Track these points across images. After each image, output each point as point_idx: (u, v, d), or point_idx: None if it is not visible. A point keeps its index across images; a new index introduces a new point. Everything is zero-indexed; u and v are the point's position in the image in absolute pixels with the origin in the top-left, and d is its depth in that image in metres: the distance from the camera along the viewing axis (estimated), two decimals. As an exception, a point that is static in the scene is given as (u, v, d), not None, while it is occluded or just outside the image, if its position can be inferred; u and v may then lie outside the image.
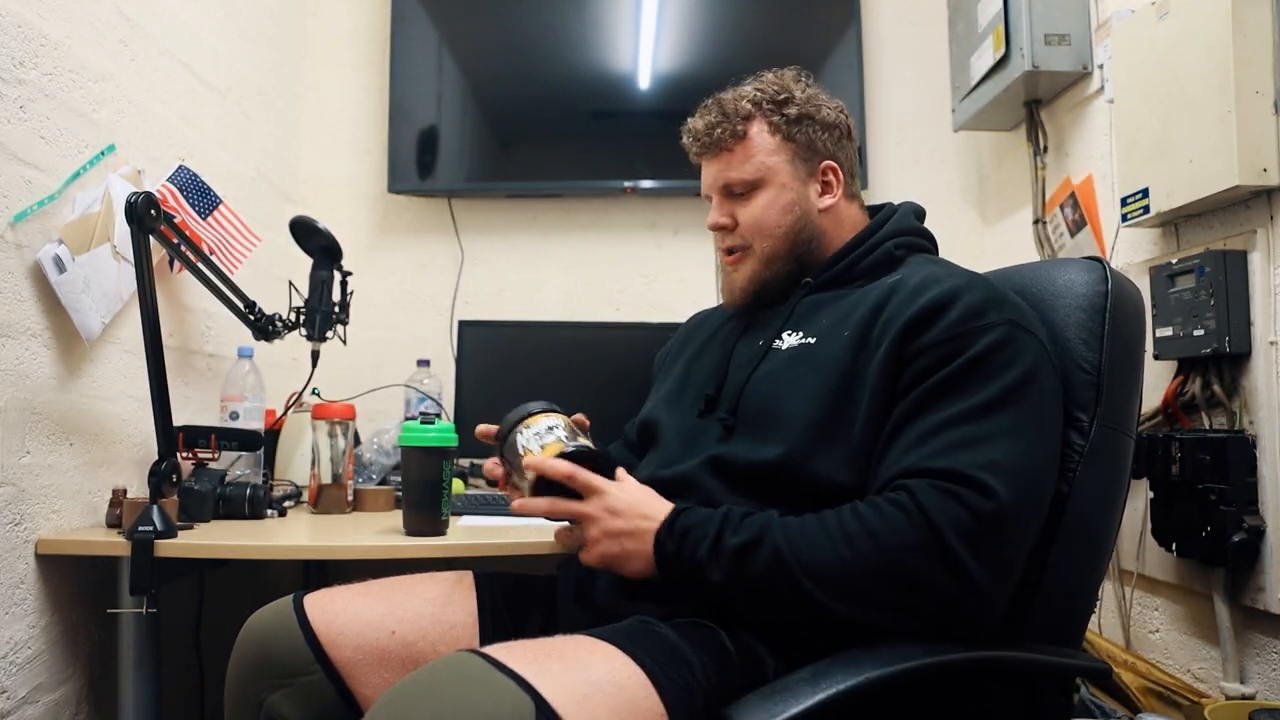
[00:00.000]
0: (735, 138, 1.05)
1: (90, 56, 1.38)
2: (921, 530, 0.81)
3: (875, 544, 0.82)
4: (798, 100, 1.06)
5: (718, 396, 1.04)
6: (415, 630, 0.99)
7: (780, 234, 1.05)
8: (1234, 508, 1.27)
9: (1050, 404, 0.90)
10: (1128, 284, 1.01)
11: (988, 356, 0.87)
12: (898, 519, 0.82)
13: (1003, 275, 1.09)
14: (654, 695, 0.77)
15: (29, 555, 1.25)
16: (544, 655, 0.78)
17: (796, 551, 0.83)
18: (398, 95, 2.26)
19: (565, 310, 2.32)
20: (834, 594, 0.82)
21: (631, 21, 2.26)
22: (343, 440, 1.56)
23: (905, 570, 0.81)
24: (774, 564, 0.84)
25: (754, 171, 1.05)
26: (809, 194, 1.06)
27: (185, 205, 1.55)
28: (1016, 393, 0.86)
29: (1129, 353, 0.98)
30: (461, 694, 0.73)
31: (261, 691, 0.95)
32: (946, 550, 0.80)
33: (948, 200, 2.35)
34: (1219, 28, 1.27)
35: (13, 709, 1.22)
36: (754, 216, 1.05)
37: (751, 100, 1.05)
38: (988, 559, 0.81)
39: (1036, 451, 0.87)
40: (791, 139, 1.05)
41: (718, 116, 1.06)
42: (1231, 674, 1.33)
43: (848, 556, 0.82)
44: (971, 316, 0.89)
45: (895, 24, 2.38)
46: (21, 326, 1.24)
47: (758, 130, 1.05)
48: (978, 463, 0.83)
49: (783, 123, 1.05)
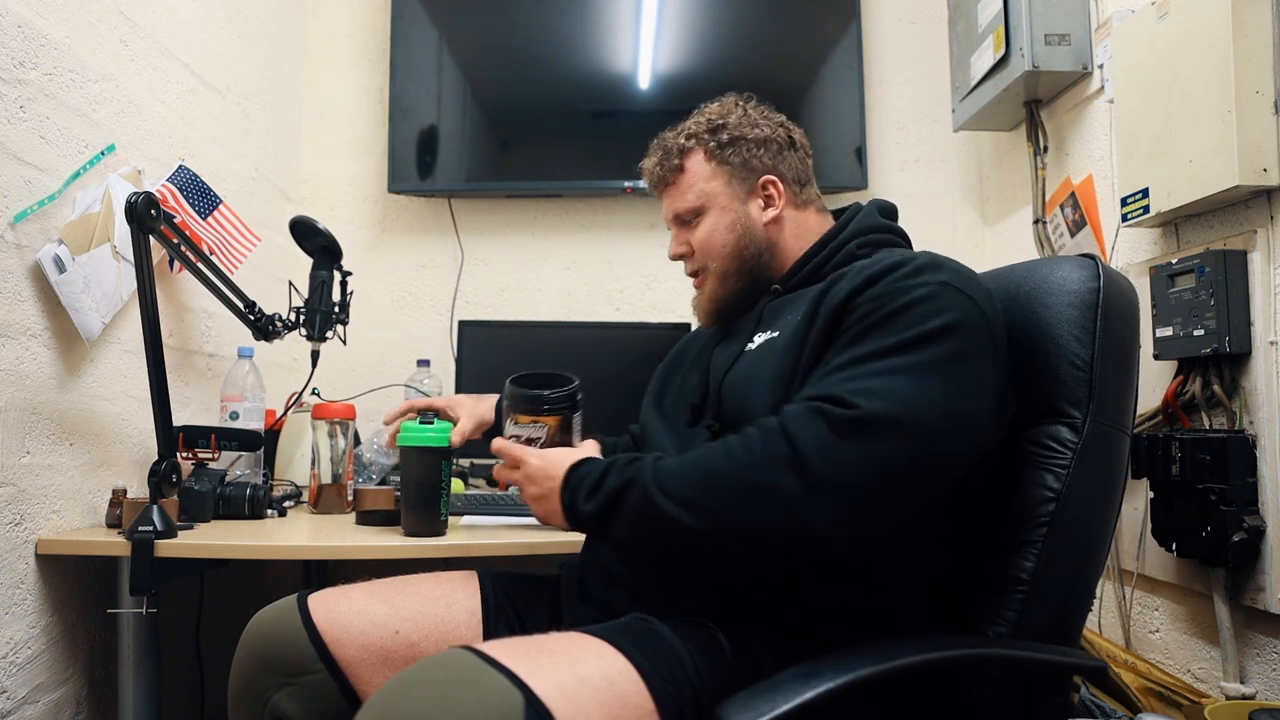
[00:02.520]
0: (676, 171, 1.13)
1: (90, 56, 1.38)
2: (775, 440, 0.82)
3: (729, 458, 0.84)
4: (730, 125, 1.12)
5: (703, 405, 1.06)
6: (419, 630, 0.99)
7: (727, 252, 1.10)
8: (1234, 508, 1.27)
9: (967, 360, 0.86)
10: (1121, 280, 1.01)
11: (908, 308, 0.88)
12: (754, 435, 0.85)
13: (997, 274, 1.10)
14: (644, 691, 0.78)
15: (29, 555, 1.25)
16: (535, 651, 0.79)
17: (659, 478, 0.86)
18: (398, 95, 2.26)
19: (565, 310, 2.32)
20: (684, 505, 0.84)
21: (631, 21, 2.26)
22: (343, 440, 1.56)
23: (750, 475, 0.82)
24: (641, 495, 0.86)
25: (695, 199, 1.11)
26: (750, 210, 1.11)
27: (185, 205, 1.55)
28: (925, 339, 0.85)
29: (1122, 348, 0.98)
30: (452, 688, 0.74)
31: (266, 690, 0.96)
32: (795, 453, 0.80)
33: (948, 200, 2.35)
34: (1219, 28, 1.27)
35: (13, 709, 1.22)
36: (701, 240, 1.11)
37: (688, 134, 1.13)
38: (840, 464, 0.79)
39: (930, 392, 0.83)
40: (726, 162, 1.11)
41: (660, 155, 1.15)
42: (1231, 674, 1.33)
43: (700, 471, 0.85)
44: (905, 277, 0.91)
45: (895, 24, 2.38)
46: (21, 326, 1.24)
47: (694, 161, 1.12)
48: (854, 389, 0.83)
49: (716, 148, 1.11)
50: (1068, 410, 0.94)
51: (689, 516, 0.83)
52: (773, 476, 0.81)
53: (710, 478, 0.84)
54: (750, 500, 0.81)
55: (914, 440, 0.81)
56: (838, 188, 2.24)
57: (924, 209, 2.34)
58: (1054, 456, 0.93)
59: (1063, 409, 0.94)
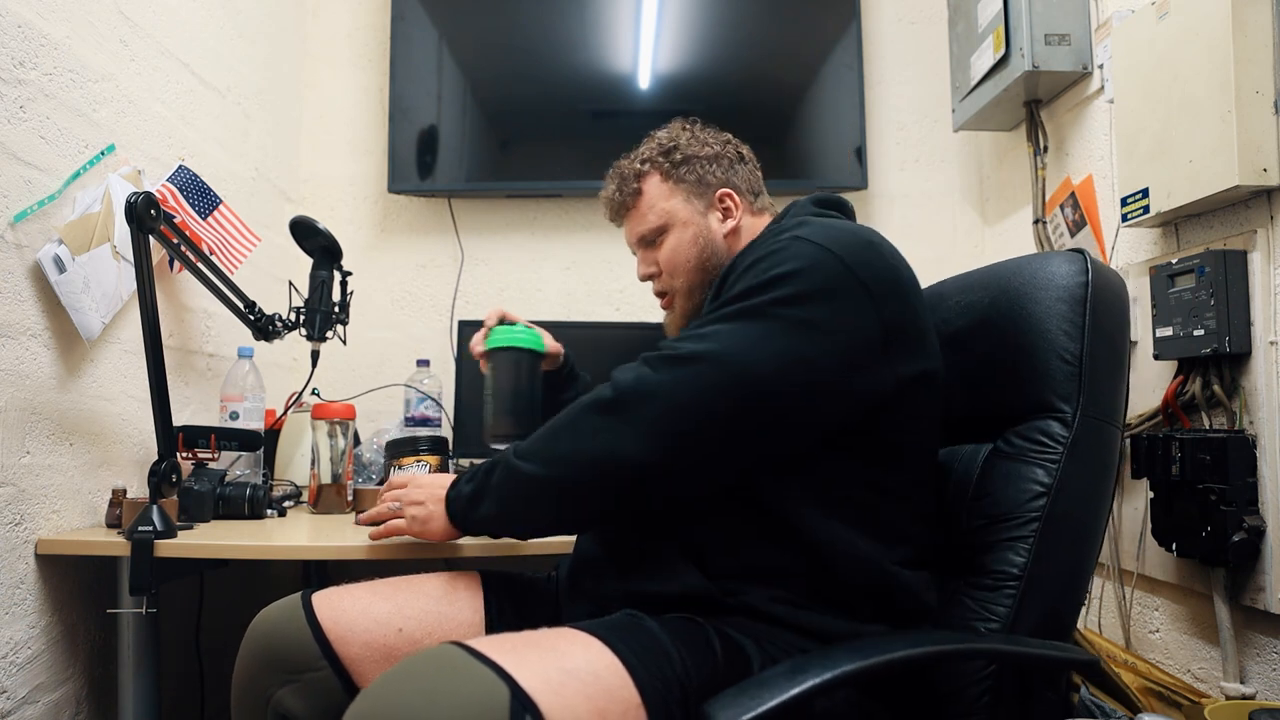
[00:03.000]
0: (635, 196, 1.16)
1: (90, 56, 1.38)
2: (601, 389, 0.92)
3: (568, 412, 0.94)
4: (681, 145, 1.15)
5: None
6: (422, 628, 1.00)
7: (692, 266, 1.13)
8: (1234, 508, 1.27)
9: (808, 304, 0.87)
10: (1110, 274, 1.01)
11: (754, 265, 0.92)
12: (594, 390, 0.93)
13: (988, 271, 1.10)
14: (630, 685, 0.79)
15: (29, 555, 1.25)
16: (522, 645, 0.80)
17: (518, 450, 0.96)
18: (398, 95, 2.26)
19: (565, 310, 2.32)
20: (532, 459, 0.93)
21: (631, 21, 2.26)
22: (343, 440, 1.56)
23: (579, 418, 0.91)
24: (504, 464, 0.96)
25: (656, 219, 1.14)
26: (710, 223, 1.14)
27: (185, 205, 1.55)
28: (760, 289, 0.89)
29: (1112, 342, 0.98)
30: (440, 682, 0.75)
31: (269, 686, 0.96)
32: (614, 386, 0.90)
33: (948, 200, 2.35)
34: (1219, 28, 1.27)
35: (13, 709, 1.22)
36: (667, 257, 1.14)
37: (641, 159, 1.17)
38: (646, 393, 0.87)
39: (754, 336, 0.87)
40: (682, 180, 1.14)
41: (617, 182, 1.18)
42: (1231, 674, 1.33)
43: (547, 429, 0.95)
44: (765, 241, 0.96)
45: (895, 24, 2.38)
46: (21, 326, 1.24)
47: (651, 183, 1.16)
48: (681, 338, 0.90)
49: (671, 168, 1.15)
50: (1058, 405, 0.94)
51: (535, 467, 0.92)
52: (594, 414, 0.90)
53: (552, 430, 0.94)
54: (579, 439, 0.90)
55: (724, 370, 0.86)
56: (838, 188, 2.23)
57: (924, 209, 2.34)
58: (1045, 451, 0.93)
59: (1053, 403, 0.94)
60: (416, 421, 1.93)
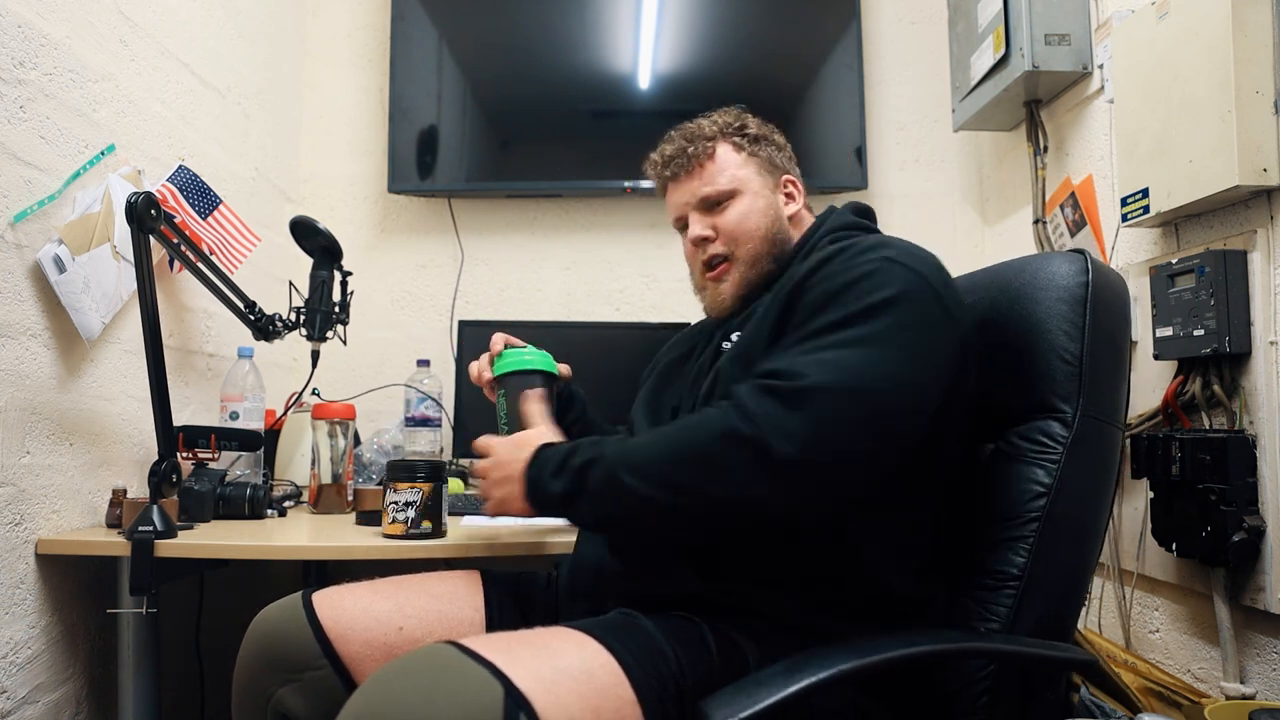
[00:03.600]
0: (707, 155, 1.12)
1: (90, 56, 1.38)
2: (728, 415, 0.85)
3: (687, 434, 0.88)
4: (752, 125, 1.15)
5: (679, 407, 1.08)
6: (423, 627, 1.00)
7: (760, 235, 1.10)
8: (1234, 508, 1.27)
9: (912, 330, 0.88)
10: (1110, 274, 1.01)
11: (853, 284, 0.90)
12: (711, 412, 0.88)
13: (989, 271, 1.10)
14: (625, 683, 0.79)
15: (29, 555, 1.25)
16: (516, 644, 0.80)
17: (626, 457, 0.90)
18: (398, 95, 2.26)
19: (565, 310, 2.32)
20: (643, 479, 0.87)
21: (631, 21, 2.26)
22: (343, 440, 1.56)
23: (706, 450, 0.85)
24: (605, 470, 0.90)
25: (728, 182, 1.11)
26: (778, 201, 1.13)
27: (185, 205, 1.55)
28: (870, 312, 0.88)
29: (1112, 342, 0.98)
30: (434, 681, 0.75)
31: (270, 685, 0.97)
32: (750, 423, 0.83)
33: (948, 200, 2.35)
34: (1219, 28, 1.27)
35: (13, 709, 1.22)
36: (734, 223, 1.10)
37: (713, 124, 1.14)
38: (791, 435, 0.82)
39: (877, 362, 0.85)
40: (755, 155, 1.14)
41: (684, 142, 1.14)
42: (1231, 674, 1.33)
43: (660, 445, 0.89)
44: (852, 257, 0.94)
45: (895, 24, 2.38)
46: (21, 326, 1.24)
47: (724, 149, 1.13)
48: (801, 363, 0.86)
49: (745, 142, 1.14)
50: (1058, 405, 0.94)
51: (652, 490, 0.86)
52: (730, 452, 0.83)
53: (672, 453, 0.88)
54: (710, 475, 0.84)
55: (860, 406, 0.84)
56: (838, 188, 2.24)
57: (924, 209, 2.34)
58: (1045, 451, 0.93)
59: (1053, 404, 0.94)
60: (417, 421, 1.93)
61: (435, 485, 1.27)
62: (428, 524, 1.26)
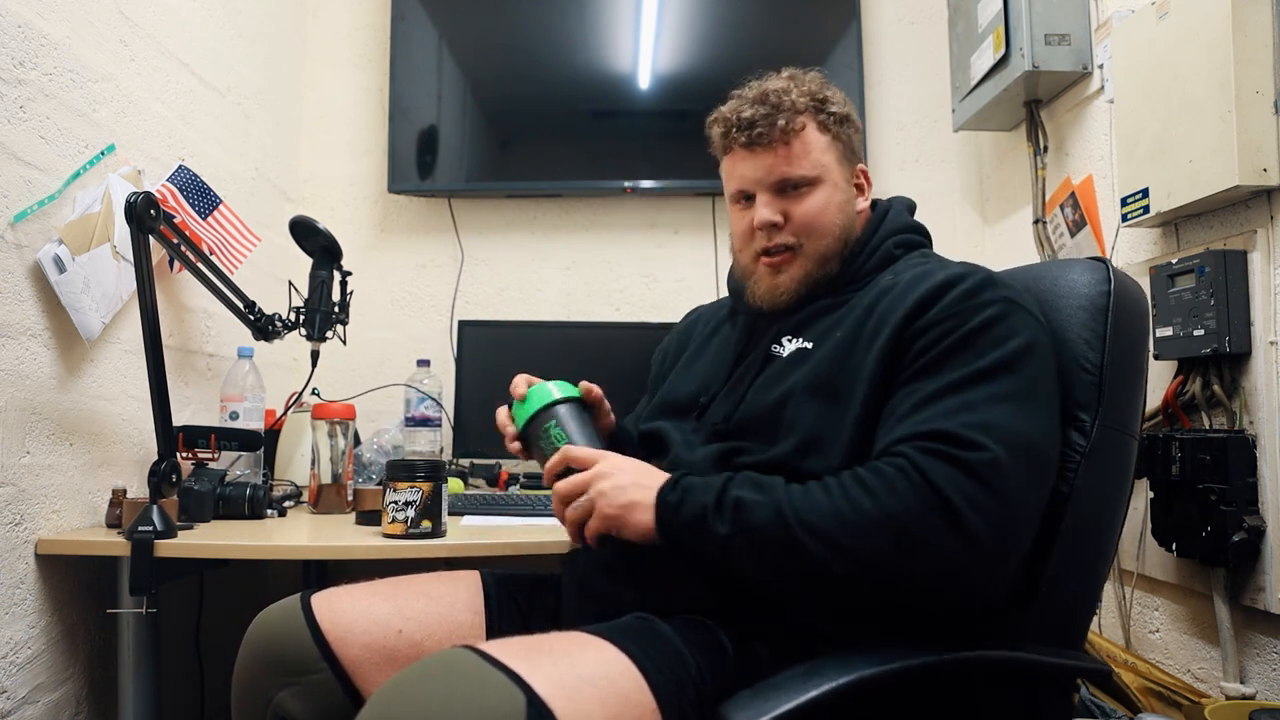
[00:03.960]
0: (793, 131, 1.01)
1: (90, 56, 1.38)
2: (920, 489, 0.79)
3: (873, 501, 0.80)
4: (836, 101, 1.04)
5: (710, 404, 1.05)
6: (422, 629, 0.99)
7: (835, 233, 1.03)
8: (1234, 508, 1.27)
9: (1046, 380, 0.89)
10: (1131, 284, 1.01)
11: (983, 330, 0.87)
12: (894, 477, 0.81)
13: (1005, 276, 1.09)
14: (646, 690, 0.78)
15: (29, 555, 1.25)
16: (536, 650, 0.79)
17: (796, 507, 0.83)
18: (398, 95, 2.26)
19: (565, 310, 2.32)
20: (828, 547, 0.80)
21: (631, 21, 2.26)
22: (343, 440, 1.56)
23: (903, 527, 0.79)
24: (774, 518, 0.83)
25: (812, 168, 1.02)
26: (853, 196, 1.07)
27: (185, 205, 1.55)
28: (1012, 363, 0.86)
29: (1131, 353, 0.98)
30: (454, 688, 0.73)
31: (269, 689, 0.96)
32: (947, 507, 0.78)
33: (948, 200, 2.35)
34: (1219, 28, 1.27)
35: (13, 709, 1.22)
36: (811, 215, 1.01)
37: (802, 93, 1.02)
38: (990, 517, 0.78)
39: (1033, 419, 0.84)
40: (839, 139, 1.04)
41: (769, 109, 1.01)
42: (1231, 674, 1.33)
43: (845, 510, 0.81)
44: (968, 296, 0.90)
45: (895, 24, 2.38)
46: (21, 326, 1.24)
47: (811, 128, 1.02)
48: (968, 423, 0.82)
49: (831, 122, 1.03)
50: (1076, 414, 0.93)
51: (829, 555, 0.80)
52: (925, 529, 0.78)
53: (856, 520, 0.80)
54: (902, 551, 0.79)
55: (1036, 475, 0.83)
56: (838, 188, 2.23)
57: (924, 209, 2.29)
58: (1062, 460, 0.92)
59: (1071, 412, 0.93)
60: (417, 421, 1.93)
61: (435, 485, 1.27)
62: (427, 524, 1.26)
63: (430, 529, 1.26)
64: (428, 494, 1.26)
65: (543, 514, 1.44)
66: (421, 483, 1.26)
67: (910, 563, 0.79)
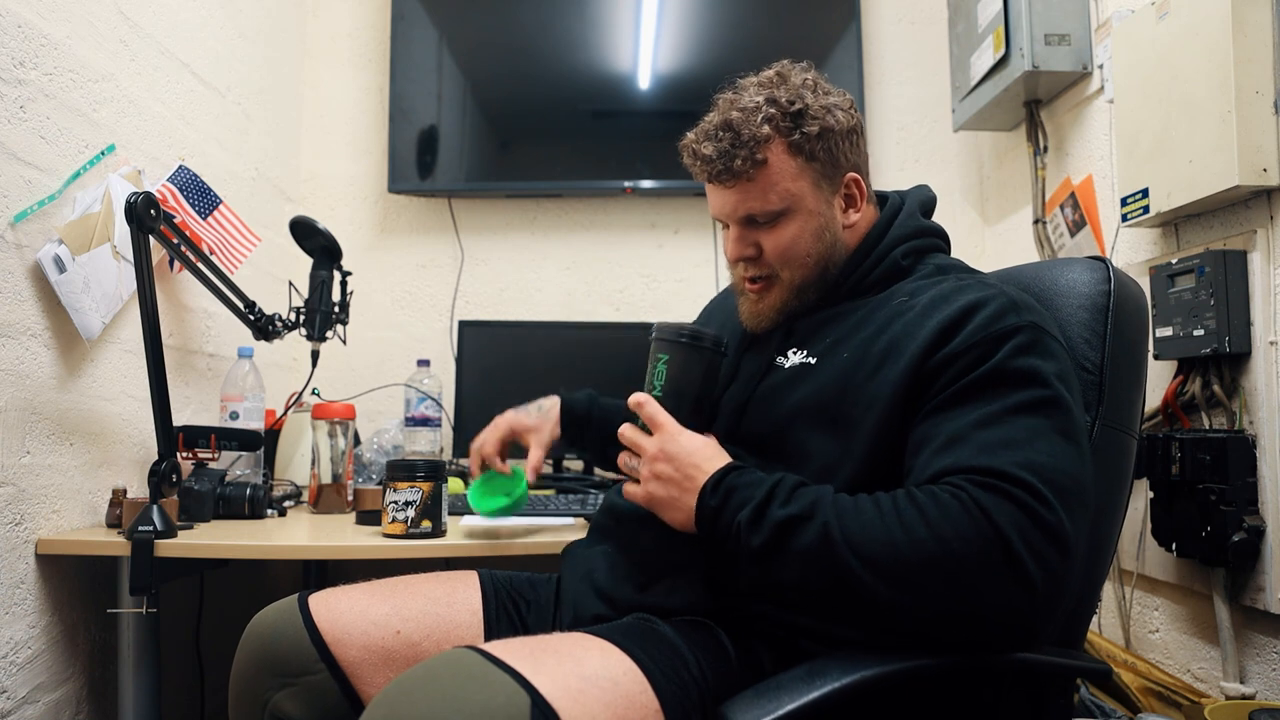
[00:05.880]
0: (757, 166, 0.95)
1: (90, 56, 1.38)
2: (982, 526, 0.75)
3: (931, 531, 0.76)
4: (813, 111, 0.96)
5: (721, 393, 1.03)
6: (420, 630, 0.99)
7: (811, 263, 0.98)
8: (1234, 508, 1.27)
9: (1079, 409, 0.87)
10: (1130, 283, 1.01)
11: (1015, 359, 0.84)
12: (954, 508, 0.76)
13: (1005, 275, 1.09)
14: (649, 691, 0.78)
15: (29, 555, 1.25)
16: (540, 651, 0.79)
17: (846, 530, 0.78)
18: (398, 95, 2.26)
19: (565, 310, 2.32)
20: (882, 577, 0.76)
21: (631, 21, 2.26)
22: (343, 440, 1.56)
23: (963, 563, 0.75)
24: (821, 540, 0.78)
25: (779, 201, 0.96)
26: (834, 214, 1.00)
27: (185, 205, 1.55)
28: (1049, 396, 0.83)
29: (1131, 352, 0.98)
30: (458, 689, 0.73)
31: (266, 690, 0.96)
32: (1009, 551, 0.74)
33: (948, 200, 2.34)
34: (1219, 28, 1.27)
35: (13, 709, 1.22)
36: (782, 247, 0.98)
37: (766, 118, 0.95)
38: (1049, 570, 0.75)
39: (1080, 458, 0.82)
40: (814, 158, 0.97)
41: (730, 143, 0.95)
42: (1231, 674, 1.33)
43: (901, 539, 0.76)
44: (991, 322, 0.86)
45: (895, 24, 2.38)
46: (21, 326, 1.24)
47: (777, 155, 0.95)
48: (1018, 461, 0.78)
49: (803, 141, 0.95)
50: None
51: (876, 580, 0.76)
52: (983, 565, 0.75)
53: (908, 547, 0.76)
54: (959, 589, 0.75)
55: (1087, 514, 0.80)
56: (838, 188, 2.23)
57: (924, 209, 2.34)
58: None
59: None
60: (417, 421, 1.93)
61: (435, 485, 1.27)
62: (427, 523, 1.26)
63: (430, 529, 1.26)
64: (427, 494, 1.26)
65: (543, 514, 1.44)
66: (421, 483, 1.26)
67: (969, 600, 0.76)
